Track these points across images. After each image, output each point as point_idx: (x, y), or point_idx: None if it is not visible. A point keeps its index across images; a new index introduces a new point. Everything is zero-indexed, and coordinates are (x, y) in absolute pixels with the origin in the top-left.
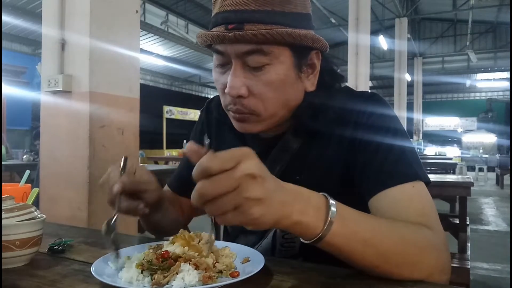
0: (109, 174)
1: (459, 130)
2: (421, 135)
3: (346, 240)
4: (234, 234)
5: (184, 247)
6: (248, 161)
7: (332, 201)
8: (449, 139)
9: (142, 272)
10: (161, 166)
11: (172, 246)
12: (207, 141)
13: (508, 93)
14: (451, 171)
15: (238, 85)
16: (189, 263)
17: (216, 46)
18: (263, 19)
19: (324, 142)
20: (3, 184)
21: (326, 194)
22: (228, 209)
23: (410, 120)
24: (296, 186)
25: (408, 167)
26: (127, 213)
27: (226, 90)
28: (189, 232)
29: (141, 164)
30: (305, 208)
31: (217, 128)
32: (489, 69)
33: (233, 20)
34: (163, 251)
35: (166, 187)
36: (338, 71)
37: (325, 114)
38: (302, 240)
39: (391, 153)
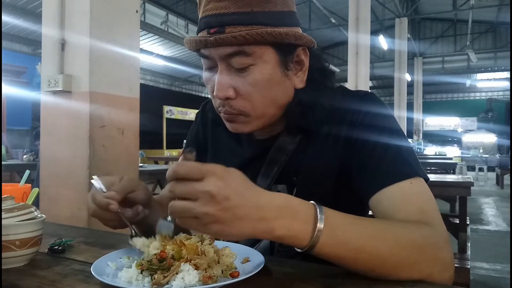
0: (93, 202)
1: (459, 130)
2: (421, 135)
3: (336, 250)
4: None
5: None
6: (211, 179)
7: (320, 214)
8: (449, 139)
9: (142, 272)
10: (161, 166)
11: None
12: (194, 152)
13: (508, 93)
14: (451, 171)
15: (224, 87)
16: (189, 263)
17: (201, 51)
18: (244, 20)
19: (320, 142)
20: (3, 184)
21: (316, 204)
22: (187, 215)
23: (410, 120)
24: (286, 198)
25: (405, 165)
26: (133, 221)
27: (214, 93)
28: (190, 233)
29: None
30: (290, 223)
31: (213, 129)
32: (489, 69)
33: (214, 24)
34: (160, 252)
35: (162, 192)
36: (329, 67)
37: (317, 111)
38: (295, 248)
39: (388, 152)
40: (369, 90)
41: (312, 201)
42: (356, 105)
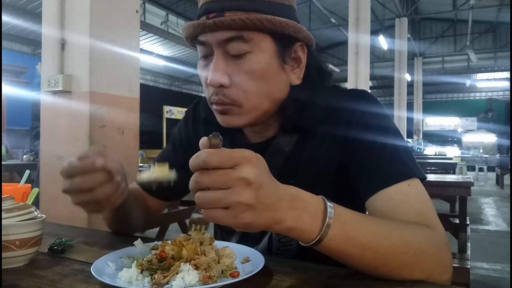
0: (69, 173)
1: (459, 130)
2: (421, 135)
3: (343, 246)
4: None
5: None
6: (246, 166)
7: (329, 208)
8: (449, 139)
9: (142, 272)
10: None
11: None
12: (220, 136)
13: (508, 93)
14: (451, 171)
15: (219, 73)
16: (189, 263)
17: (198, 37)
18: (243, 7)
19: (316, 143)
20: (3, 184)
21: (325, 198)
22: (217, 206)
23: (410, 120)
24: (296, 190)
25: (403, 166)
26: (116, 201)
27: (208, 80)
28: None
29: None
30: (300, 214)
31: (205, 129)
32: (489, 69)
33: (214, 9)
34: (160, 251)
35: (133, 184)
36: (327, 68)
37: (312, 111)
38: (300, 243)
39: (385, 153)
40: (366, 90)
41: (321, 196)
42: (352, 104)
